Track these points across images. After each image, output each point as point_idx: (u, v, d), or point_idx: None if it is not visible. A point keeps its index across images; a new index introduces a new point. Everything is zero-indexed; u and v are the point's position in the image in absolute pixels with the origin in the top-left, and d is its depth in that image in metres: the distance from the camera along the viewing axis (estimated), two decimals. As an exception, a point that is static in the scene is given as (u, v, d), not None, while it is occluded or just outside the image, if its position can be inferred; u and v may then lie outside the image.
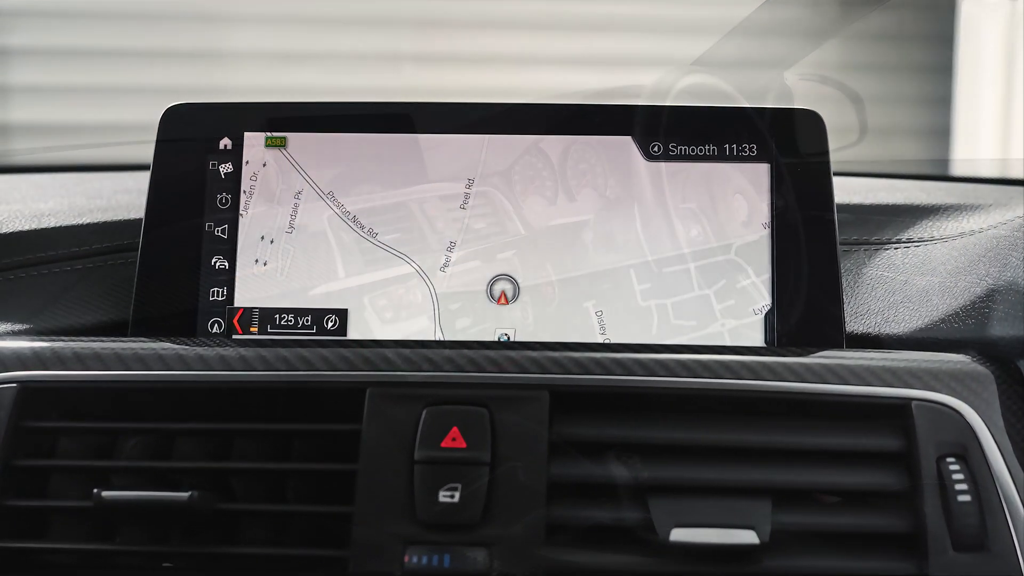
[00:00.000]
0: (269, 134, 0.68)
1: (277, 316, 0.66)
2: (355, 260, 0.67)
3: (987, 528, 0.52)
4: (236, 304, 0.66)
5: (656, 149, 0.68)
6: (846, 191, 0.77)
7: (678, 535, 0.52)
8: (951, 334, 0.62)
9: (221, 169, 0.68)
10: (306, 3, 2.11)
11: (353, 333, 0.66)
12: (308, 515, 0.55)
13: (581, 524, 0.53)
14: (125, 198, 0.79)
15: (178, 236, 0.67)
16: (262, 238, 0.67)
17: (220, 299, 0.66)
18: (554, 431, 0.55)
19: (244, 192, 0.68)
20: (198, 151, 0.68)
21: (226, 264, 0.67)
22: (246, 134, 0.68)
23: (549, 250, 0.67)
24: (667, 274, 0.66)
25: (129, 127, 1.97)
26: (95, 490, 0.53)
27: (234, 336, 0.66)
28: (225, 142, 0.68)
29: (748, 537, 0.52)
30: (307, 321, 0.66)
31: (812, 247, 0.65)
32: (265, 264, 0.67)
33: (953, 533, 0.52)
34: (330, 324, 0.66)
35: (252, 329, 0.66)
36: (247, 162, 0.68)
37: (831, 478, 0.54)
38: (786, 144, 0.67)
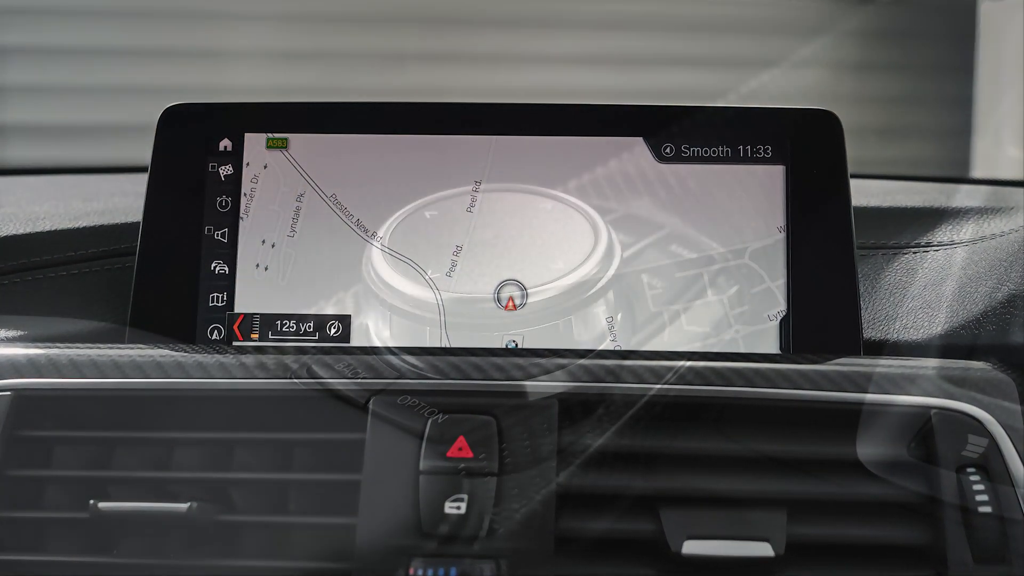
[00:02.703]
0: (270, 135, 0.68)
1: (278, 322, 0.65)
2: (358, 265, 0.66)
3: (1008, 540, 0.51)
4: (236, 310, 0.65)
5: (668, 151, 0.67)
6: (863, 193, 0.76)
7: (690, 547, 0.51)
8: (971, 341, 0.62)
9: (221, 171, 0.67)
10: (308, 1, 2.11)
11: (356, 340, 0.65)
12: (310, 527, 0.54)
13: (591, 535, 0.52)
14: (122, 201, 0.79)
15: (177, 240, 0.66)
16: (263, 242, 0.66)
17: (220, 305, 0.65)
18: (563, 440, 0.54)
19: (244, 195, 0.67)
20: (197, 152, 0.67)
21: (226, 269, 0.66)
22: (246, 135, 0.68)
23: (558, 254, 0.66)
24: (679, 279, 0.65)
25: (127, 128, 1.97)
26: (91, 501, 0.53)
27: (234, 343, 0.65)
28: (225, 143, 0.68)
29: (763, 549, 0.51)
30: (309, 327, 0.65)
31: (828, 251, 0.65)
32: (266, 269, 0.66)
33: (973, 545, 0.51)
34: (333, 330, 0.65)
35: (253, 336, 0.65)
36: (247, 164, 0.67)
37: (848, 489, 0.53)
38: (802, 145, 0.66)
